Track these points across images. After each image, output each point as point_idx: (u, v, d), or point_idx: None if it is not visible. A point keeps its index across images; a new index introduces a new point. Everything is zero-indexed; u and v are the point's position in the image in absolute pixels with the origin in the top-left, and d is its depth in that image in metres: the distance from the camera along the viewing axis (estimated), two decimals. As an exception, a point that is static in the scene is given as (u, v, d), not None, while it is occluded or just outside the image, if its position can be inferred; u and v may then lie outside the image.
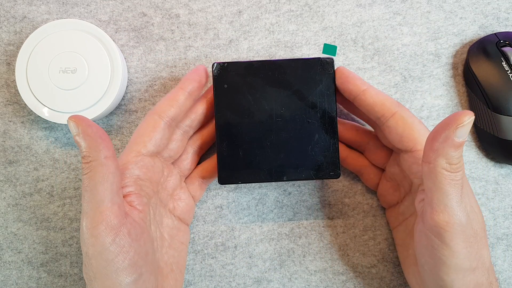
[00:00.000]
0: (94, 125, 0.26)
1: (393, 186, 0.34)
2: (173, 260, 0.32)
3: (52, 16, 0.37)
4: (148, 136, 0.30)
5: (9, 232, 0.36)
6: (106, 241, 0.25)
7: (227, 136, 0.32)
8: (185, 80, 0.32)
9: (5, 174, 0.36)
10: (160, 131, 0.31)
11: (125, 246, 0.26)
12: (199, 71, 0.32)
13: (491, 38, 0.36)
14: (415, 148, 0.30)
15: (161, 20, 0.37)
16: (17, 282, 0.36)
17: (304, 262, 0.36)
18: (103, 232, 0.25)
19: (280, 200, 0.37)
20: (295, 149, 0.32)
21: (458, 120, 0.24)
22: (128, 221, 0.27)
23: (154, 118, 0.31)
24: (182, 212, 0.34)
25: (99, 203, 0.25)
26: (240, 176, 0.33)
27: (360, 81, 0.31)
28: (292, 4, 0.37)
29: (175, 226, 0.33)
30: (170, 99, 0.31)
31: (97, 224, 0.25)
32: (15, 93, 0.37)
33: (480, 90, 0.35)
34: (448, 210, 0.25)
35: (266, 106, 0.32)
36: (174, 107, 0.31)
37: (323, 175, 0.32)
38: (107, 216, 0.25)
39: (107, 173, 0.26)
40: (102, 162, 0.26)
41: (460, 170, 0.25)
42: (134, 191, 0.29)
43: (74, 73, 0.34)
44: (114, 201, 0.26)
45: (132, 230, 0.27)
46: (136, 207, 0.29)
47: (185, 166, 0.34)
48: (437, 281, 0.27)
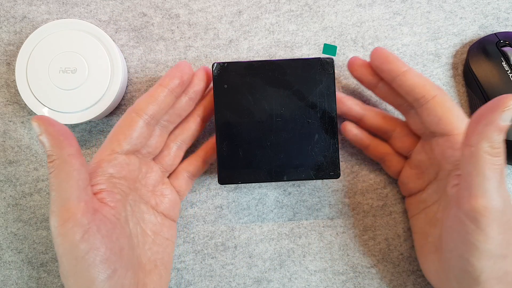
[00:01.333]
0: (57, 124, 0.26)
1: (417, 173, 0.34)
2: (157, 256, 0.32)
3: (52, 16, 0.37)
4: (124, 135, 0.30)
5: (9, 232, 0.36)
6: (75, 239, 0.25)
7: (227, 136, 0.32)
8: (165, 76, 0.31)
9: (5, 174, 0.36)
10: (137, 129, 0.30)
11: (95, 243, 0.26)
12: (180, 68, 0.31)
13: (491, 38, 0.36)
14: (452, 132, 0.30)
15: (161, 20, 0.37)
16: (17, 282, 0.36)
17: (304, 262, 0.36)
18: (71, 230, 0.25)
19: (280, 200, 0.37)
20: (295, 149, 0.32)
21: (505, 103, 0.24)
22: (97, 218, 0.26)
23: (131, 116, 0.30)
24: (166, 208, 0.33)
25: (65, 201, 0.25)
26: (240, 176, 0.33)
27: (401, 62, 0.31)
28: (292, 4, 0.37)
29: (159, 222, 0.33)
30: (150, 96, 0.31)
31: (64, 222, 0.25)
32: (15, 93, 0.37)
33: (480, 90, 0.35)
34: (487, 195, 0.25)
35: (266, 106, 0.32)
36: (153, 105, 0.30)
37: (323, 175, 0.32)
38: (74, 214, 0.25)
39: (71, 170, 0.26)
40: (66, 160, 0.25)
41: (501, 155, 0.25)
42: (106, 188, 0.29)
43: (74, 73, 0.34)
44: (80, 198, 0.26)
45: (102, 226, 0.27)
46: (108, 203, 0.28)
47: (167, 162, 0.34)
48: (466, 267, 0.27)
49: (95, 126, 0.37)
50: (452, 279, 0.29)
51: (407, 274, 0.36)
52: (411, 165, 0.34)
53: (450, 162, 0.30)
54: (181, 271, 0.36)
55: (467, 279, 0.27)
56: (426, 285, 0.36)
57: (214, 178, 0.37)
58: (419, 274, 0.36)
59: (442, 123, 0.30)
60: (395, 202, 0.37)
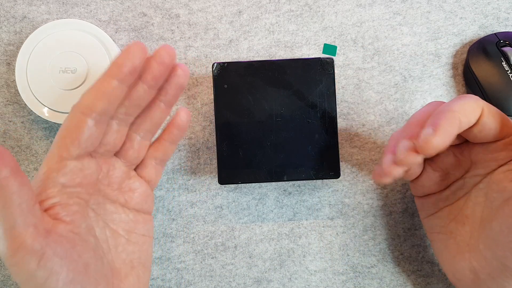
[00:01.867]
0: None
1: (441, 175, 0.32)
2: (134, 256, 0.30)
3: (52, 16, 0.37)
4: (71, 138, 0.26)
5: (9, 232, 0.36)
6: (30, 268, 0.23)
7: (227, 136, 0.32)
8: (113, 64, 0.26)
9: (5, 174, 0.36)
10: (85, 130, 0.26)
11: (54, 267, 0.24)
12: (130, 52, 0.26)
13: (491, 38, 0.36)
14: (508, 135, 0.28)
15: (161, 20, 0.37)
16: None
17: (304, 262, 0.36)
18: (24, 259, 0.23)
19: (280, 200, 0.37)
20: (295, 149, 0.32)
21: None
22: (51, 240, 0.24)
23: (77, 116, 0.26)
24: (136, 202, 0.31)
25: (10, 229, 0.22)
26: (240, 176, 0.33)
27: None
28: (292, 4, 0.37)
29: (132, 219, 0.30)
30: (96, 90, 0.26)
31: (14, 252, 0.23)
32: (15, 93, 0.37)
33: (480, 90, 0.35)
34: None
35: (266, 106, 0.32)
36: (102, 101, 0.26)
37: (323, 175, 0.32)
38: (23, 241, 0.23)
39: (9, 194, 0.22)
40: (1, 185, 0.22)
41: None
42: (59, 202, 0.26)
43: (74, 73, 0.34)
44: (27, 222, 0.23)
45: (59, 248, 0.24)
46: (63, 218, 0.26)
47: (131, 155, 0.30)
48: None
49: (95, 126, 0.37)
50: (501, 278, 0.28)
51: (407, 274, 0.36)
52: (434, 167, 0.32)
53: (499, 163, 0.29)
54: (181, 271, 0.36)
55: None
56: (426, 285, 0.36)
57: (214, 178, 0.37)
58: (419, 274, 0.36)
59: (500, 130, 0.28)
60: (395, 202, 0.37)
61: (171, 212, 0.37)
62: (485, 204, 0.29)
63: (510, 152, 0.28)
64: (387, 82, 0.37)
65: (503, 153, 0.28)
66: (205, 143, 0.37)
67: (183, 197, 0.37)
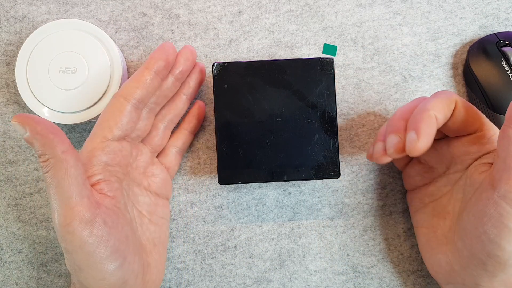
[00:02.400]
0: (43, 121, 0.25)
1: (425, 167, 0.34)
2: (155, 235, 0.33)
3: (52, 16, 0.37)
4: (114, 121, 0.29)
5: (9, 232, 0.36)
6: (84, 235, 0.25)
7: (227, 136, 0.32)
8: (150, 59, 0.31)
9: (5, 174, 0.36)
10: (126, 114, 0.30)
11: (104, 235, 0.26)
12: (165, 49, 0.31)
13: (491, 38, 0.36)
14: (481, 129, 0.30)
15: (161, 20, 0.37)
16: (17, 282, 0.36)
17: (304, 262, 0.36)
18: (79, 227, 0.25)
19: (280, 200, 0.37)
20: (295, 149, 0.32)
21: None
22: (101, 211, 0.27)
23: (119, 101, 0.30)
24: (157, 187, 0.34)
25: (68, 199, 0.25)
26: (240, 176, 0.33)
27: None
28: (292, 4, 0.37)
29: (153, 202, 0.33)
30: (136, 80, 0.30)
31: (70, 220, 0.25)
32: (15, 93, 0.37)
33: (480, 90, 0.35)
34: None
35: (266, 106, 0.32)
36: (141, 89, 0.30)
37: (323, 175, 0.32)
38: (79, 211, 0.25)
39: (68, 167, 0.25)
40: (61, 158, 0.25)
41: None
42: (104, 179, 0.29)
43: (74, 73, 0.34)
44: (82, 194, 0.26)
45: (107, 218, 0.27)
46: (107, 194, 0.28)
47: (156, 143, 0.34)
48: (495, 252, 0.27)
49: (95, 126, 0.37)
50: (471, 268, 0.28)
51: (407, 274, 0.36)
52: (419, 158, 0.34)
53: (473, 157, 0.30)
54: (181, 271, 0.36)
55: (493, 265, 0.27)
56: (426, 285, 0.36)
57: (214, 178, 0.37)
58: (419, 274, 0.36)
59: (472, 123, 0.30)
60: (395, 202, 0.37)
61: (171, 212, 0.37)
62: (462, 199, 0.30)
63: (481, 146, 0.30)
64: (387, 82, 0.37)
65: (475, 147, 0.30)
66: (205, 143, 0.37)
67: (183, 197, 0.37)
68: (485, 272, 0.28)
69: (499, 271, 0.27)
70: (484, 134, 0.30)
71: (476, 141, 0.30)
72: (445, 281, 0.32)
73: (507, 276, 0.28)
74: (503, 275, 0.27)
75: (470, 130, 0.30)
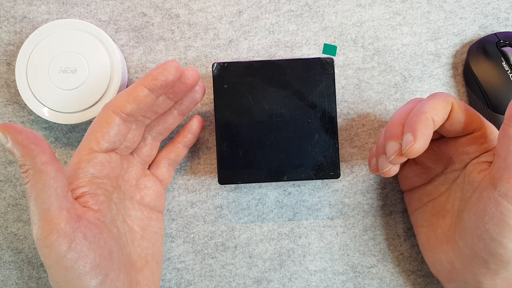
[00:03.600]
0: (25, 131, 0.24)
1: (421, 168, 0.34)
2: (148, 251, 0.32)
3: (52, 16, 0.37)
4: (101, 133, 0.28)
5: (9, 232, 0.36)
6: (61, 250, 0.24)
7: (227, 136, 0.32)
8: (148, 76, 0.29)
9: (5, 174, 0.36)
10: (114, 127, 0.29)
11: (83, 250, 0.25)
12: (166, 69, 0.29)
13: (491, 38, 0.36)
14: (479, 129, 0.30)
15: (161, 20, 0.37)
16: (17, 282, 0.36)
17: (304, 262, 0.36)
18: (56, 241, 0.24)
19: (280, 200, 0.37)
20: (295, 149, 0.32)
21: None
22: (82, 225, 0.26)
23: (108, 113, 0.29)
24: (151, 199, 0.33)
25: (46, 211, 0.24)
26: (240, 176, 0.33)
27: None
28: (292, 4, 0.37)
29: (146, 216, 0.33)
30: (128, 94, 0.29)
31: (48, 233, 0.24)
32: (15, 93, 0.37)
33: (480, 90, 0.35)
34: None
35: (266, 106, 0.32)
36: (132, 104, 0.29)
37: (323, 175, 0.32)
38: (57, 224, 0.24)
39: (48, 179, 0.24)
40: (40, 169, 0.24)
41: None
42: (89, 191, 0.28)
43: (74, 73, 0.34)
44: (62, 206, 0.25)
45: (88, 233, 0.26)
46: (91, 207, 0.28)
47: (144, 153, 0.33)
48: (496, 250, 0.27)
49: (95, 126, 0.37)
50: (473, 266, 0.29)
51: (407, 274, 0.36)
52: (416, 159, 0.34)
53: (471, 157, 0.30)
54: (181, 271, 0.36)
55: (495, 263, 0.27)
56: (426, 285, 0.36)
57: (214, 178, 0.37)
58: (419, 274, 0.36)
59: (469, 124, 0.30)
60: (395, 202, 0.37)
61: (171, 212, 0.37)
62: (461, 198, 0.30)
63: (479, 145, 0.30)
64: (387, 82, 0.37)
65: (473, 147, 0.30)
66: (205, 143, 0.37)
67: (183, 197, 0.37)
68: (487, 270, 0.28)
69: (502, 269, 0.27)
70: (482, 134, 0.30)
71: (474, 141, 0.30)
72: (447, 280, 0.32)
73: (510, 273, 0.28)
74: (506, 273, 0.28)
75: (468, 131, 0.30)
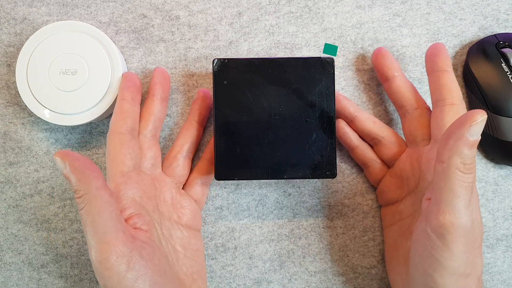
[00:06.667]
0: (81, 158, 0.25)
1: (397, 183, 0.34)
2: (193, 269, 0.32)
3: (53, 18, 0.37)
4: (122, 154, 0.30)
5: (10, 233, 0.36)
6: (121, 270, 0.25)
7: (225, 132, 0.32)
8: (121, 90, 0.32)
9: (6, 175, 0.37)
10: (129, 145, 0.31)
11: (142, 269, 0.26)
12: (130, 77, 0.33)
13: (490, 40, 0.36)
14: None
15: (161, 22, 0.37)
16: (18, 284, 0.36)
17: (304, 263, 0.36)
18: (116, 262, 0.25)
19: (280, 201, 0.37)
20: (292, 147, 0.32)
21: (472, 118, 0.24)
22: (137, 244, 0.27)
23: (115, 136, 0.31)
24: (188, 219, 0.34)
25: (103, 234, 0.25)
26: (237, 173, 0.32)
27: (395, 66, 0.33)
28: (292, 6, 0.37)
29: (185, 235, 0.33)
30: (119, 112, 0.31)
31: (107, 256, 0.25)
32: (16, 95, 0.37)
33: (480, 92, 0.35)
34: (455, 212, 0.25)
35: (265, 103, 0.32)
36: (126, 119, 0.31)
37: (320, 174, 0.32)
38: (115, 246, 0.25)
39: (103, 203, 0.25)
40: (95, 194, 0.25)
41: (472, 172, 0.25)
42: (135, 212, 0.29)
43: (75, 74, 0.34)
44: (117, 228, 0.26)
45: (144, 252, 0.27)
46: (141, 227, 0.29)
47: (178, 173, 0.34)
48: (429, 283, 0.27)
49: (95, 128, 0.37)
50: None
51: (407, 275, 0.36)
52: (392, 174, 0.34)
53: (432, 174, 0.30)
54: (181, 272, 0.36)
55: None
56: (426, 286, 0.36)
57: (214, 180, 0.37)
58: (419, 275, 0.36)
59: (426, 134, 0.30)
60: (395, 203, 0.37)
61: (171, 213, 0.37)
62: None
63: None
64: (387, 83, 0.37)
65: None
66: (205, 144, 0.37)
67: (183, 198, 0.37)
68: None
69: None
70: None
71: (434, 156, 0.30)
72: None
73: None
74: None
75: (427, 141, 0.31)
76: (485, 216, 0.36)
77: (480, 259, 0.28)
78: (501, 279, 0.36)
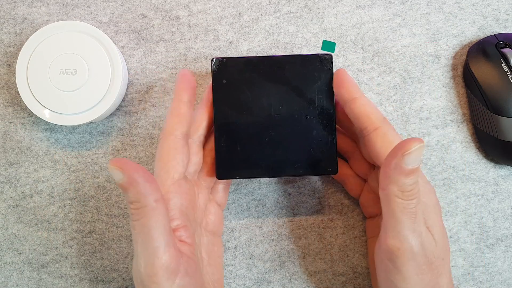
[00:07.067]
0: (139, 168, 0.24)
1: (374, 198, 0.33)
2: (214, 277, 0.31)
3: (53, 18, 0.37)
4: (175, 160, 0.28)
5: (10, 234, 0.36)
6: (167, 285, 0.25)
7: (225, 132, 0.32)
8: (179, 91, 0.30)
9: (6, 175, 0.37)
10: (182, 150, 0.29)
11: (185, 285, 0.25)
12: (187, 77, 0.30)
13: (490, 40, 0.36)
14: None
15: (161, 22, 0.37)
16: (18, 284, 0.36)
17: (304, 263, 0.36)
18: (164, 277, 0.25)
19: (280, 201, 0.37)
20: (293, 145, 0.32)
21: (405, 147, 0.24)
22: (184, 260, 0.26)
23: (170, 139, 0.29)
24: (213, 225, 0.33)
25: (156, 249, 0.24)
26: (238, 172, 0.32)
27: (354, 88, 0.30)
28: (292, 6, 0.37)
29: (210, 242, 0.32)
30: (176, 115, 0.29)
31: (157, 270, 0.24)
32: (16, 95, 0.37)
33: (480, 92, 0.35)
34: (400, 236, 0.25)
35: (265, 102, 0.32)
36: (183, 122, 0.29)
37: (321, 171, 0.32)
38: (166, 261, 0.25)
39: (160, 217, 0.25)
40: (153, 207, 0.24)
41: (414, 197, 0.25)
42: (181, 224, 0.28)
43: (75, 74, 0.34)
44: (169, 243, 0.25)
45: (189, 268, 0.26)
46: (186, 240, 0.27)
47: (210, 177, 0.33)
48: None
49: (95, 128, 0.37)
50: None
51: (407, 275, 0.36)
52: (368, 189, 0.34)
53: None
54: (181, 272, 0.36)
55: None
56: (426, 286, 0.36)
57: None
58: (419, 275, 0.36)
59: (380, 157, 0.29)
60: (395, 203, 0.37)
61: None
62: None
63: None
64: (387, 83, 0.37)
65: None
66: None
67: (183, 198, 0.37)
68: None
69: None
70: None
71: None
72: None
73: None
74: None
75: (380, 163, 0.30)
76: (485, 216, 0.37)
77: (445, 278, 0.27)
78: (501, 279, 0.36)
